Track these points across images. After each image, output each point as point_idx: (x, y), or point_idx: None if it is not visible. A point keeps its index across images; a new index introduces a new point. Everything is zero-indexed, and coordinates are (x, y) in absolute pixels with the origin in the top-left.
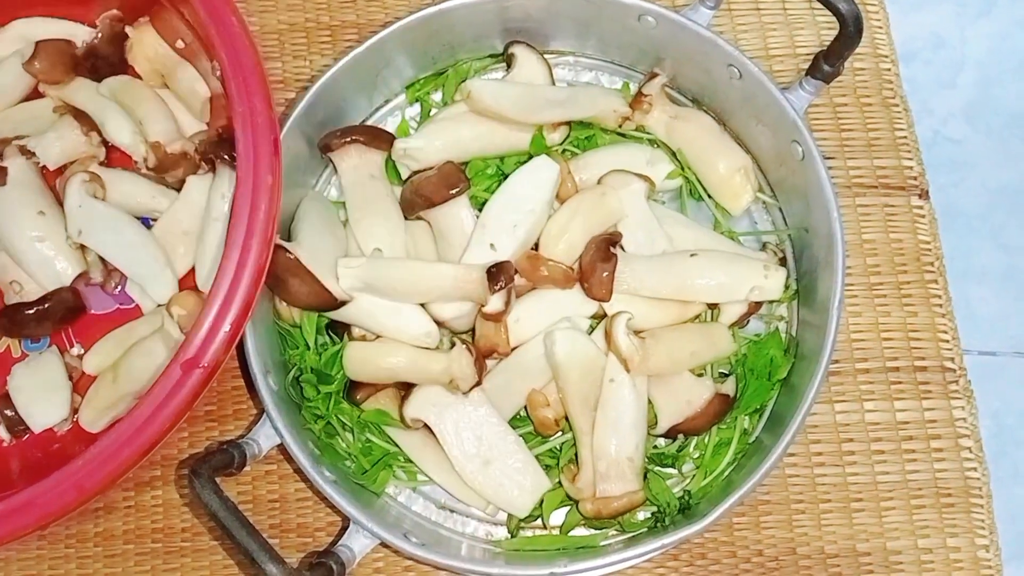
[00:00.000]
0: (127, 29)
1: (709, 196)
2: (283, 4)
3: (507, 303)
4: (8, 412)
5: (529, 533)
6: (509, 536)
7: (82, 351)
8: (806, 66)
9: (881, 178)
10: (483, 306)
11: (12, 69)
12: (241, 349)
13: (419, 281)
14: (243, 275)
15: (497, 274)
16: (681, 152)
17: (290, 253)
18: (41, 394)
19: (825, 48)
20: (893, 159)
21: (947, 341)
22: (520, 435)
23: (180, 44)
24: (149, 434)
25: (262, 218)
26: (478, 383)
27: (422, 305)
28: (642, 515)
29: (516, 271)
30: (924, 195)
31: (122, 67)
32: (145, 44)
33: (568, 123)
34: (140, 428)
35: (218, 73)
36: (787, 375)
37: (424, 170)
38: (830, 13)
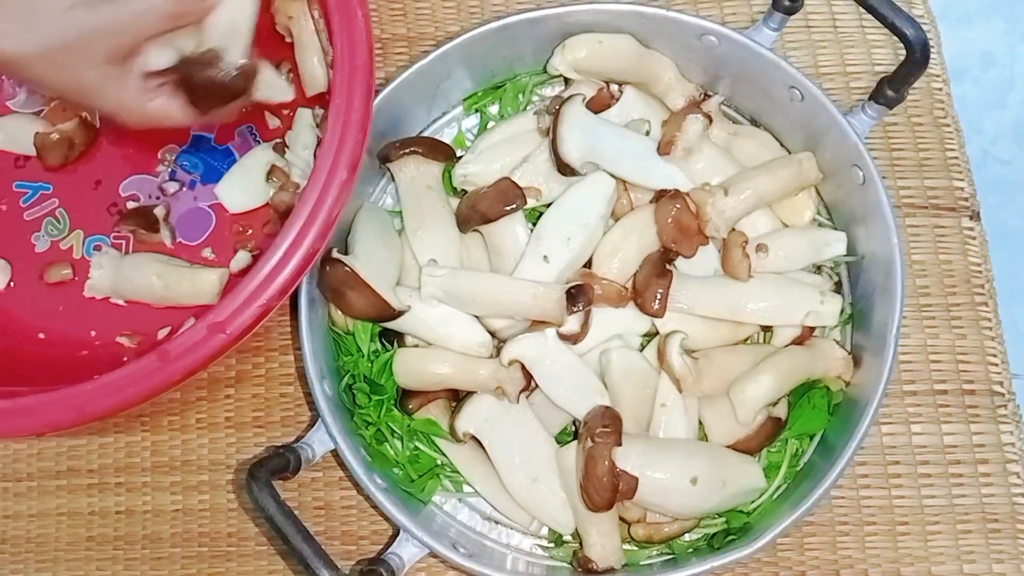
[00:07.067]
0: None
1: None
2: None
3: (583, 325)
4: None
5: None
6: (554, 545)
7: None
8: (856, 84)
9: (931, 199)
10: (559, 326)
11: None
12: (298, 354)
13: (500, 295)
14: (290, 260)
15: (576, 296)
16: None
17: (347, 266)
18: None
19: (888, 73)
20: (944, 180)
21: (996, 365)
22: None
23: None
24: (157, 380)
25: (325, 210)
26: (526, 388)
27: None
28: (688, 536)
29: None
30: (975, 216)
31: None
32: None
33: None
34: (151, 373)
35: (329, 58)
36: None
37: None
38: (882, 32)
